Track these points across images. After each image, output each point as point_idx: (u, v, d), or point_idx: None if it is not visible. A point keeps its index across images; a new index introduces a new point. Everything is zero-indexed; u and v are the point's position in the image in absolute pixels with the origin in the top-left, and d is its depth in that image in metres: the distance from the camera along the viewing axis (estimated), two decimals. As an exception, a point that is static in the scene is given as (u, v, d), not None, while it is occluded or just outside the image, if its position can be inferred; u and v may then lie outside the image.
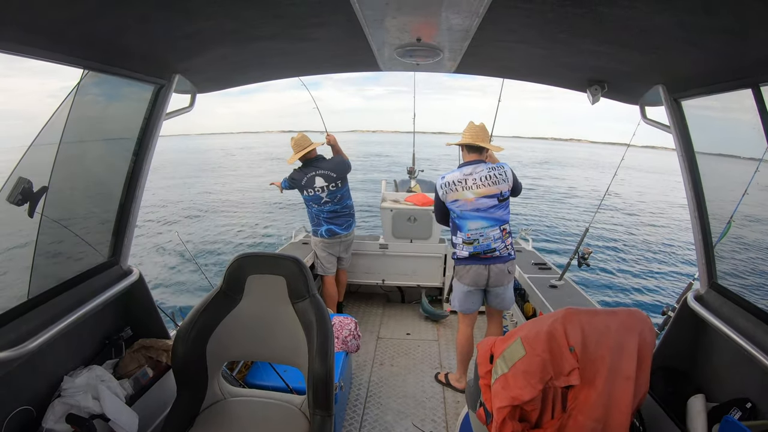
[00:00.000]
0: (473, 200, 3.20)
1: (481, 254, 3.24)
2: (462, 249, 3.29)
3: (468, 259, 3.30)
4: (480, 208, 3.20)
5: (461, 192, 3.22)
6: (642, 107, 2.66)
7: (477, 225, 3.22)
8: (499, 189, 3.20)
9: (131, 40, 1.87)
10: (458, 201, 3.25)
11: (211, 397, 2.22)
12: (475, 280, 3.32)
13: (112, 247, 2.44)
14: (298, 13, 1.83)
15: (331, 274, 4.68)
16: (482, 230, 3.21)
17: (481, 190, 3.19)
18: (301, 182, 4.36)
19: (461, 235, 3.28)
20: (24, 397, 1.81)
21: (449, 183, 3.26)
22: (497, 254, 3.24)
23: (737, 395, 2.02)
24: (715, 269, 2.33)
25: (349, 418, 3.26)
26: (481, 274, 3.29)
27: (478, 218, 3.22)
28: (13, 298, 1.85)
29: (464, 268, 3.35)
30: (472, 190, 3.20)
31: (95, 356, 2.28)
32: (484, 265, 3.28)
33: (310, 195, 4.39)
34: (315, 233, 4.58)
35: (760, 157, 1.98)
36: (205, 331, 2.14)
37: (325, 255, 4.59)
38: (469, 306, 3.47)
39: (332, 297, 4.71)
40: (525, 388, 1.74)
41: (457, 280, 3.44)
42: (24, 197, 1.78)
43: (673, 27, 1.61)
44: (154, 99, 2.35)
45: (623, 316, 1.80)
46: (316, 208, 4.45)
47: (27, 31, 1.48)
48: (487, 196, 3.20)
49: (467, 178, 3.22)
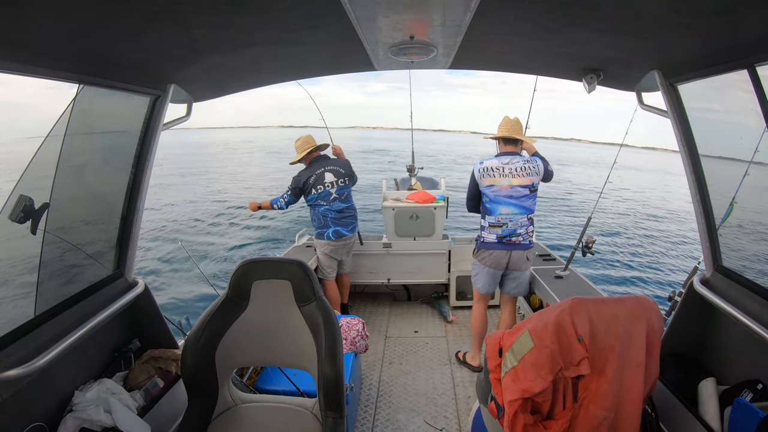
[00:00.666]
0: (508, 187, 3.46)
1: (505, 238, 3.51)
2: (489, 232, 3.56)
3: (493, 243, 3.56)
4: (513, 195, 3.48)
5: (498, 179, 3.47)
6: (638, 93, 2.65)
7: (508, 210, 3.49)
8: (531, 180, 3.48)
9: (125, 53, 1.87)
10: (494, 186, 3.49)
11: (223, 405, 2.22)
12: (496, 262, 3.60)
13: (117, 259, 2.44)
14: (290, 18, 1.83)
15: (331, 278, 4.66)
16: (512, 216, 3.49)
17: (516, 179, 3.46)
18: (309, 180, 4.32)
19: (490, 219, 3.54)
20: (36, 414, 1.81)
21: (487, 168, 3.50)
22: (520, 240, 3.53)
23: (748, 377, 2.02)
24: (720, 252, 2.32)
25: (361, 418, 3.26)
26: (502, 258, 3.58)
27: (510, 204, 3.49)
28: (20, 316, 1.85)
29: (487, 252, 3.61)
30: (508, 178, 3.46)
31: (105, 369, 2.29)
32: (506, 251, 3.55)
33: (319, 192, 4.35)
34: (320, 236, 4.51)
35: (758, 137, 1.97)
36: (213, 339, 2.14)
37: (329, 259, 4.57)
38: (486, 286, 3.74)
39: (335, 301, 4.70)
40: (535, 380, 1.74)
41: (480, 262, 3.69)
42: (26, 215, 1.78)
43: (665, 11, 1.61)
44: (150, 110, 2.36)
45: (630, 303, 1.80)
46: (324, 207, 4.39)
47: (19, 49, 1.49)
48: (521, 185, 3.47)
49: (504, 167, 3.47)
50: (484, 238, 3.61)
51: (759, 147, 2.06)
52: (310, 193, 4.36)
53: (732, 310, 2.01)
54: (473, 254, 3.79)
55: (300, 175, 4.39)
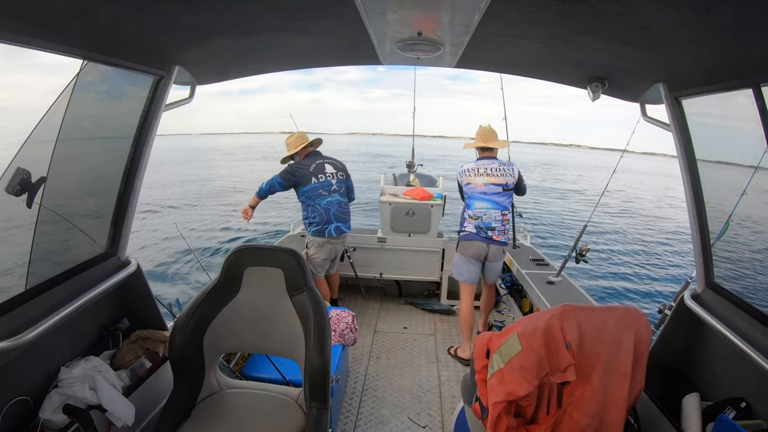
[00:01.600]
0: (482, 185, 3.95)
1: (483, 230, 3.93)
2: (469, 224, 3.99)
3: (474, 234, 3.96)
4: (486, 192, 3.94)
5: (473, 177, 3.99)
6: (642, 105, 2.65)
7: (482, 205, 3.95)
8: (504, 180, 3.94)
9: (131, 31, 1.86)
10: (470, 184, 4.00)
11: (208, 389, 2.23)
12: (476, 253, 3.99)
13: (111, 238, 2.43)
14: (298, 6, 1.82)
15: (321, 277, 4.54)
16: (486, 210, 3.94)
17: (490, 179, 3.94)
18: (309, 169, 4.21)
19: (468, 212, 4.01)
20: (21, 388, 1.81)
21: (466, 170, 4.04)
22: (497, 235, 3.94)
23: (732, 394, 2.03)
24: (713, 268, 2.33)
25: (345, 411, 3.27)
26: (482, 248, 3.97)
27: (484, 200, 3.95)
28: (10, 289, 1.84)
29: (469, 243, 4.00)
30: (483, 177, 3.96)
31: (92, 347, 2.28)
32: (486, 243, 3.95)
33: (320, 181, 4.24)
34: (320, 233, 4.29)
35: (759, 158, 1.97)
36: (202, 323, 2.14)
37: (323, 259, 4.42)
38: (470, 275, 4.10)
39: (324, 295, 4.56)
40: (521, 383, 1.75)
41: (461, 254, 4.09)
42: (22, 188, 1.77)
43: (674, 25, 1.61)
44: (153, 90, 2.34)
45: (620, 313, 1.80)
46: (326, 200, 4.24)
47: (25, 20, 1.47)
48: (494, 184, 3.94)
49: (479, 168, 3.99)
50: (465, 228, 4.03)
51: (759, 167, 2.06)
52: (309, 182, 4.20)
53: (720, 327, 2.02)
54: (456, 250, 4.18)
55: (298, 164, 4.27)
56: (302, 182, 4.23)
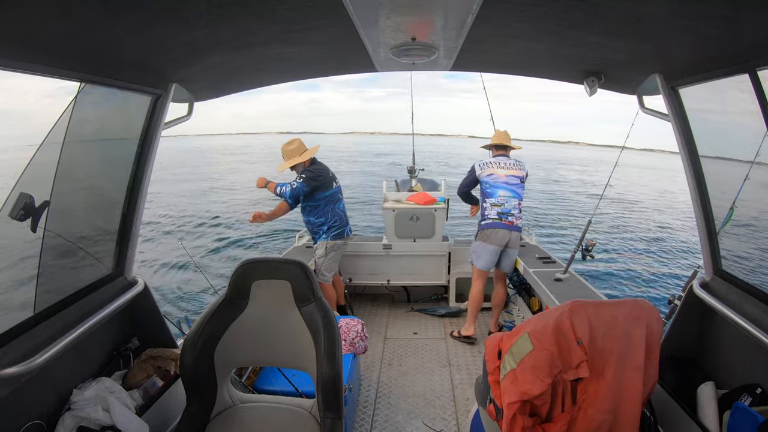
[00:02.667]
0: (504, 176, 4.32)
1: (504, 216, 4.23)
2: (491, 210, 4.27)
3: (497, 221, 4.24)
4: (508, 182, 4.30)
5: (495, 169, 4.34)
6: (640, 97, 2.65)
7: (504, 193, 4.28)
8: (520, 173, 4.37)
9: (127, 52, 1.87)
10: (493, 174, 4.32)
11: (221, 405, 2.22)
12: (500, 240, 4.24)
13: (116, 258, 2.44)
14: (293, 18, 1.83)
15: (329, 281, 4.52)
16: (508, 198, 4.27)
17: (510, 171, 4.34)
18: (328, 174, 4.31)
19: (491, 200, 4.29)
20: (34, 412, 1.81)
21: (487, 163, 4.39)
22: (516, 221, 4.27)
23: (747, 381, 2.02)
24: (720, 256, 2.32)
25: (359, 419, 3.26)
26: (505, 236, 4.23)
27: (506, 188, 4.29)
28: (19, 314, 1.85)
29: (493, 231, 4.25)
30: (504, 169, 4.34)
31: (104, 368, 2.29)
32: (507, 230, 4.23)
33: (337, 186, 4.41)
34: (340, 236, 4.38)
35: (759, 142, 1.97)
36: (212, 339, 2.14)
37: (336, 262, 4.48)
38: (488, 262, 4.34)
39: (332, 300, 4.63)
40: (534, 382, 1.74)
41: (483, 242, 4.30)
42: (26, 212, 1.78)
43: (667, 14, 1.61)
44: (152, 109, 2.36)
45: (630, 306, 1.79)
46: (342, 203, 4.42)
47: (21, 47, 1.49)
48: (514, 175, 4.33)
49: (500, 161, 4.38)
50: (487, 217, 4.28)
51: (760, 151, 2.06)
52: (330, 187, 4.28)
53: (731, 315, 2.01)
54: (476, 238, 4.40)
55: (316, 169, 4.25)
56: (323, 187, 4.26)
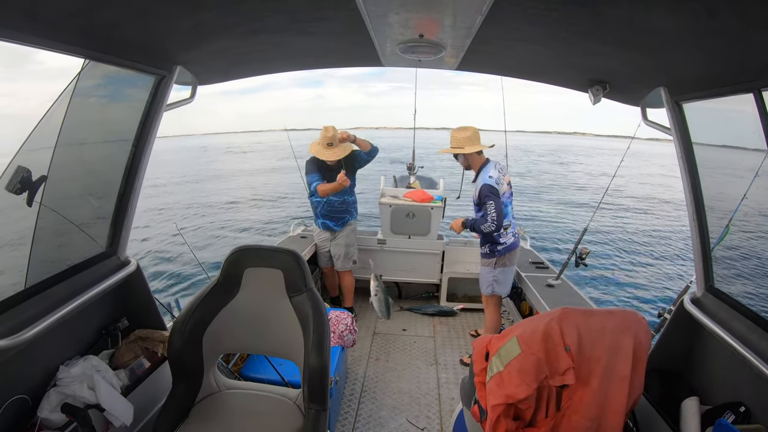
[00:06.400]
0: (508, 188, 3.72)
1: (513, 234, 3.78)
2: (507, 235, 3.72)
3: (513, 243, 3.77)
4: (510, 194, 3.76)
5: (503, 185, 3.66)
6: (643, 109, 2.65)
7: (509, 210, 3.76)
8: (509, 178, 3.79)
9: (132, 31, 1.86)
10: (504, 192, 3.66)
11: (207, 389, 2.23)
12: (517, 257, 3.88)
13: (111, 237, 2.43)
14: (300, 8, 1.83)
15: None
16: (511, 214, 3.78)
17: (506, 178, 3.74)
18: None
19: (504, 222, 3.64)
20: (19, 387, 1.81)
21: (498, 179, 3.61)
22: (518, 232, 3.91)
23: (731, 399, 2.02)
24: (713, 273, 2.33)
25: (343, 412, 3.27)
26: (518, 252, 3.89)
27: (510, 204, 3.76)
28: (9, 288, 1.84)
29: (513, 252, 3.79)
30: (505, 179, 3.71)
31: (91, 346, 2.28)
32: (519, 247, 3.88)
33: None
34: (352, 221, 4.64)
35: (759, 163, 1.97)
36: (201, 323, 2.14)
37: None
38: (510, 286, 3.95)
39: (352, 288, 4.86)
40: (520, 386, 1.75)
41: (505, 266, 3.80)
42: (23, 186, 1.77)
43: (675, 29, 1.61)
44: (154, 90, 2.34)
45: (619, 316, 1.80)
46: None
47: (28, 18, 1.48)
48: (509, 183, 3.76)
49: (498, 171, 3.67)
50: (505, 243, 3.72)
51: (759, 172, 2.06)
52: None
53: (720, 331, 2.02)
54: (494, 266, 3.80)
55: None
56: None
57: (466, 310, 5.13)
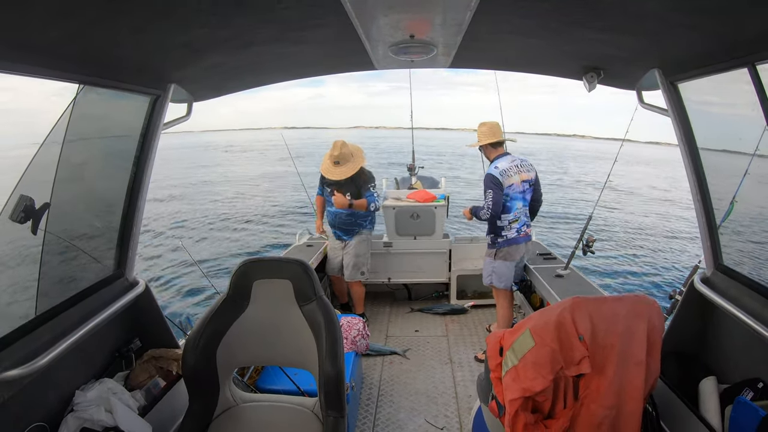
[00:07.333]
0: (519, 183, 3.77)
1: (521, 230, 3.85)
2: (510, 229, 3.83)
3: (516, 238, 3.85)
4: (522, 190, 3.81)
5: (513, 177, 3.74)
6: (639, 92, 2.65)
7: (519, 204, 3.82)
8: (530, 176, 3.86)
9: (125, 53, 1.87)
10: (513, 185, 3.75)
11: (224, 404, 2.23)
12: (520, 255, 3.97)
13: (117, 259, 2.44)
14: (291, 17, 1.83)
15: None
16: (522, 209, 3.85)
17: (522, 175, 3.80)
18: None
19: (509, 216, 3.80)
20: (37, 414, 1.81)
21: (506, 170, 3.74)
22: (528, 230, 3.95)
23: (749, 376, 2.02)
24: (720, 251, 2.32)
25: (362, 417, 3.27)
26: (522, 249, 3.96)
27: (520, 199, 3.82)
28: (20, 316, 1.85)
29: (514, 247, 3.89)
30: (518, 175, 3.77)
31: (106, 369, 2.28)
32: (524, 244, 3.94)
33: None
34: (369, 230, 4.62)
35: (758, 136, 1.97)
36: (214, 339, 2.14)
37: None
38: (510, 280, 4.04)
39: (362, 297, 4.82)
40: (536, 379, 1.74)
41: (504, 260, 3.94)
42: (27, 215, 1.78)
43: (666, 9, 1.61)
44: (150, 109, 2.35)
45: (631, 302, 1.80)
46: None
47: (19, 49, 1.48)
48: (524, 180, 3.82)
49: (513, 166, 3.78)
50: (506, 236, 3.85)
51: (759, 146, 2.06)
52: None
53: (733, 309, 2.01)
54: (494, 257, 3.97)
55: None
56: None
57: (477, 306, 5.12)
